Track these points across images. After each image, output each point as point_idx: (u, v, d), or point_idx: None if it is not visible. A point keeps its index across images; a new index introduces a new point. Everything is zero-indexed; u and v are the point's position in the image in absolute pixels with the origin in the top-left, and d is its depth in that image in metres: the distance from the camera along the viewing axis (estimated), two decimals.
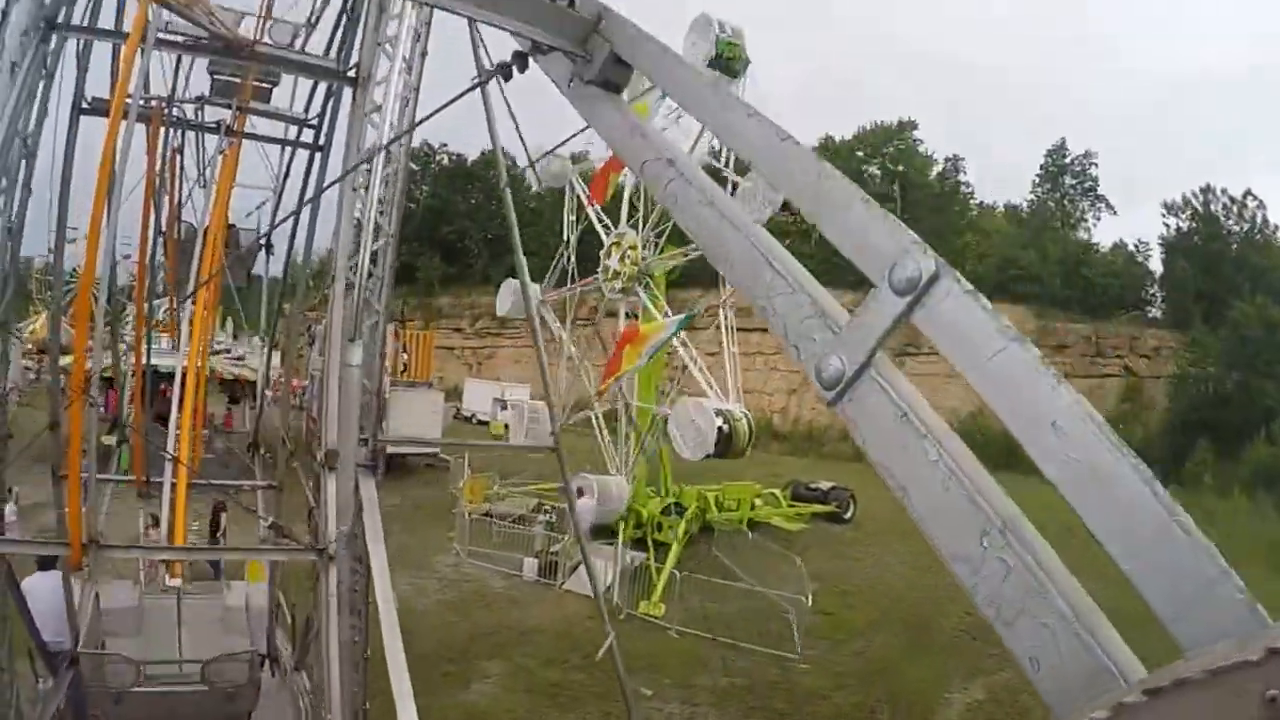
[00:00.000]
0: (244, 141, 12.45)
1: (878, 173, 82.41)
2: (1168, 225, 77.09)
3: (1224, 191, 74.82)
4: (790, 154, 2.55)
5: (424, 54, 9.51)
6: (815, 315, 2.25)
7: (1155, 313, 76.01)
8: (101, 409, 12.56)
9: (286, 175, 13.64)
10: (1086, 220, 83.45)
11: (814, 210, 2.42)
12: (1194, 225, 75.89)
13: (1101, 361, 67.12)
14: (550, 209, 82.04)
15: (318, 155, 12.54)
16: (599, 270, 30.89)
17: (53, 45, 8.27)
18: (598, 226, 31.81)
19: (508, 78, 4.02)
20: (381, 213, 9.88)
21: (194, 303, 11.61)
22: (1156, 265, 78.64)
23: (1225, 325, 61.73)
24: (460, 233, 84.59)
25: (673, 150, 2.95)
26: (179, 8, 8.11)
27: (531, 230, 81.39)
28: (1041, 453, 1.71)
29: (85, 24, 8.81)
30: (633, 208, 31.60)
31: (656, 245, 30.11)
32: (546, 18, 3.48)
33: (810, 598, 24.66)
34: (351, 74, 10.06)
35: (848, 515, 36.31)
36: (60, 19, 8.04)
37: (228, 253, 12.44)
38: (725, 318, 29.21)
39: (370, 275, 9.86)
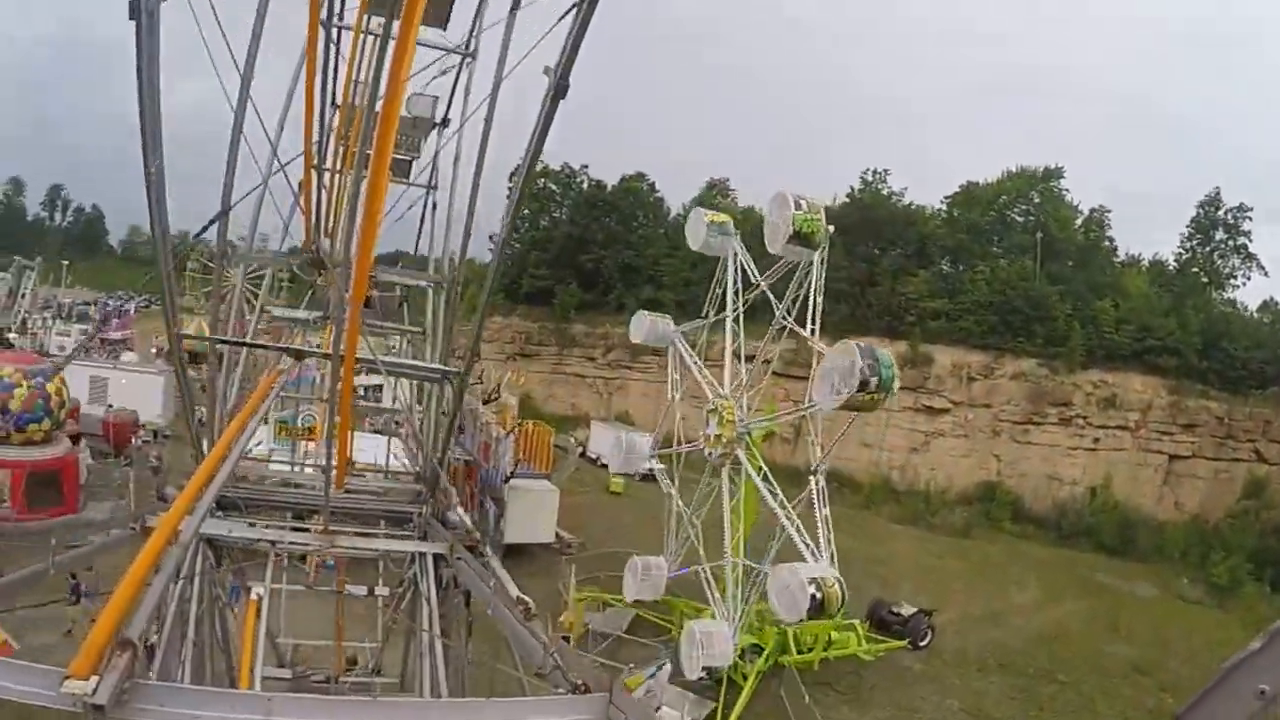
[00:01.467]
0: None
1: (1020, 219, 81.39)
2: None
3: None
4: None
5: None
6: None
7: None
8: None
9: None
10: (1236, 278, 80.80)
11: None
12: None
13: (1232, 445, 65.03)
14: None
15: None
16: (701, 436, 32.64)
17: None
18: (703, 384, 33.27)
19: None
20: None
21: None
22: None
23: None
24: (597, 260, 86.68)
25: None
26: None
27: (669, 263, 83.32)
28: None
29: None
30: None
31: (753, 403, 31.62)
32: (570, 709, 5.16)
33: None
34: None
35: (923, 643, 37.13)
36: None
37: None
38: (816, 484, 29.41)
39: None
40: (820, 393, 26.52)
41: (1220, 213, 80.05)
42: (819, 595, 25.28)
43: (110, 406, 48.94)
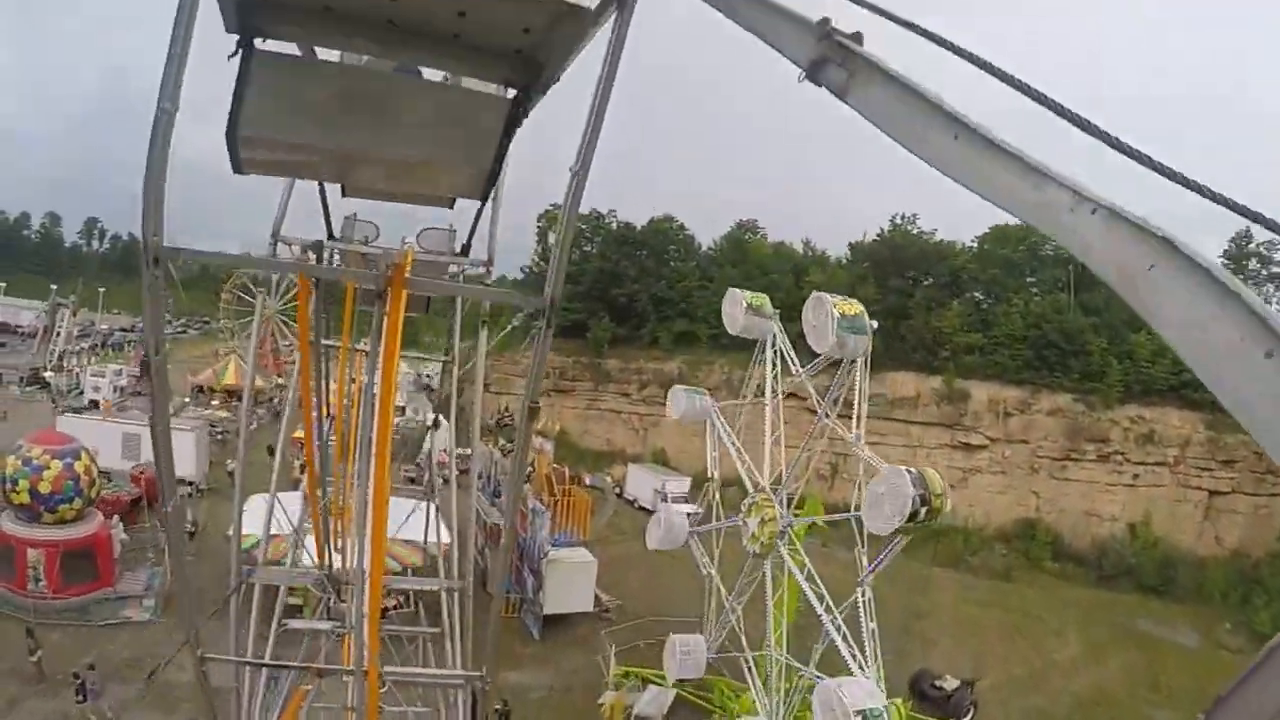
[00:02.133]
0: None
1: (1051, 253, 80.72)
2: None
3: None
4: None
5: None
6: None
7: None
8: None
9: None
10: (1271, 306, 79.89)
11: None
12: None
13: (1271, 479, 64.12)
14: (722, 272, 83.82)
15: None
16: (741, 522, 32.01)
17: None
18: (741, 470, 32.80)
19: None
20: None
21: None
22: None
23: None
24: (630, 295, 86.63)
25: None
26: None
27: (701, 295, 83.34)
28: None
29: None
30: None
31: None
32: None
33: None
34: None
35: (966, 719, 36.87)
36: None
37: None
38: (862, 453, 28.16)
39: None
40: (815, 341, 26.89)
41: (1251, 245, 79.40)
42: (914, 470, 23.79)
43: (142, 463, 49.33)
